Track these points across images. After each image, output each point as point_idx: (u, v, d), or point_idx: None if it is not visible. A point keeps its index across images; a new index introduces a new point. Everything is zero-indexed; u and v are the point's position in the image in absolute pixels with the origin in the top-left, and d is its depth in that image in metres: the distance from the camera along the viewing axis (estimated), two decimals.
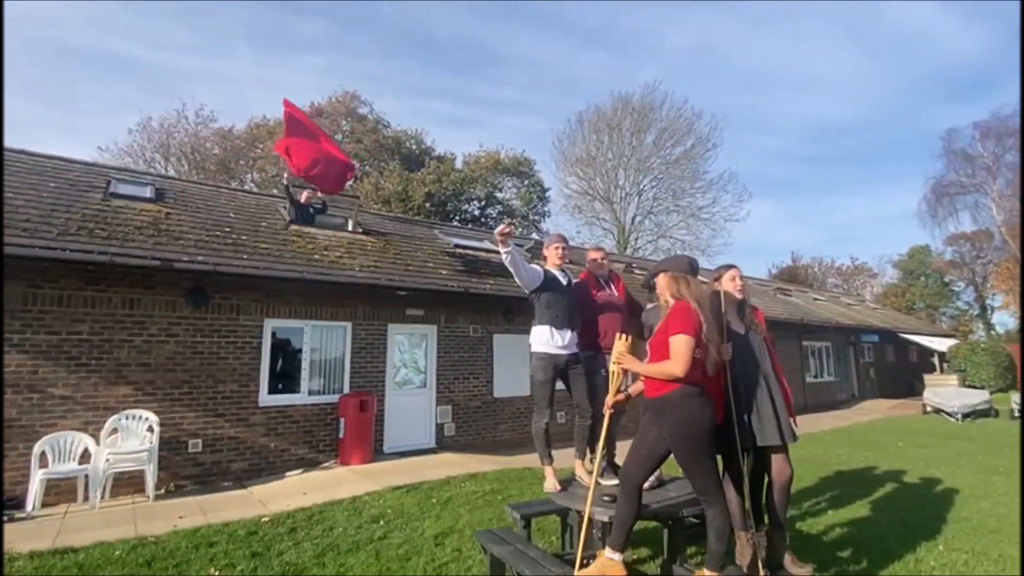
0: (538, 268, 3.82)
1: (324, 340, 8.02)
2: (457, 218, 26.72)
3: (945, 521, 4.91)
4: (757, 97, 58.39)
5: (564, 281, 3.81)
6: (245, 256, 7.05)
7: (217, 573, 3.78)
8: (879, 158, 65.23)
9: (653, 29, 51.02)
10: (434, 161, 26.05)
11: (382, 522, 4.85)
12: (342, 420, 7.54)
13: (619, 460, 3.38)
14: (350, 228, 9.67)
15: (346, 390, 7.96)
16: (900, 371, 22.66)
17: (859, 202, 67.31)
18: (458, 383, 9.11)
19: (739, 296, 3.12)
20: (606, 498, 3.02)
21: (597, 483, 2.97)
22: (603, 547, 2.81)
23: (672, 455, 2.71)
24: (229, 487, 6.53)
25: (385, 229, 10.56)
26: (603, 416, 3.14)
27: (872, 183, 67.24)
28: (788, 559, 2.90)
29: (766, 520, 3.21)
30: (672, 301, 2.78)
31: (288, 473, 7.07)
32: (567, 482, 3.58)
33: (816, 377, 18.19)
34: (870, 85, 60.48)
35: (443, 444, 8.64)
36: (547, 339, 3.62)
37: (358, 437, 7.47)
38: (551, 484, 3.47)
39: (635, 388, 2.85)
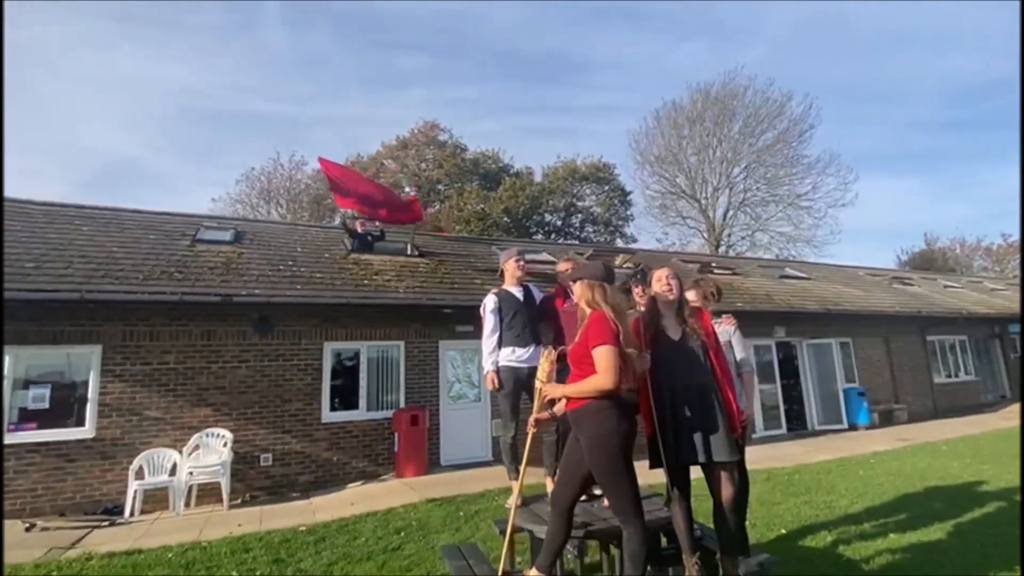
0: (492, 318, 3.91)
1: (380, 358, 8.53)
2: (540, 231, 26.94)
3: None
4: (883, 63, 52.51)
5: (520, 297, 3.84)
6: (300, 286, 7.75)
7: None
8: None
9: (754, 9, 47.84)
10: (511, 178, 26.59)
11: (402, 534, 5.06)
12: (396, 434, 7.94)
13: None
14: (408, 252, 10.23)
15: (402, 405, 8.37)
16: None
17: (1015, 169, 57.27)
18: None
19: (670, 297, 2.88)
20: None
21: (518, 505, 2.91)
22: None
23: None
24: (297, 498, 7.14)
25: (442, 250, 11.01)
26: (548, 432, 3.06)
27: None
28: None
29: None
30: (588, 310, 2.66)
31: (349, 485, 7.58)
32: (533, 499, 3.51)
33: (949, 377, 15.72)
34: (1015, 34, 51.65)
35: (499, 457, 8.72)
36: (508, 354, 3.70)
37: (411, 450, 7.82)
38: (512, 500, 3.43)
39: (560, 408, 2.75)
